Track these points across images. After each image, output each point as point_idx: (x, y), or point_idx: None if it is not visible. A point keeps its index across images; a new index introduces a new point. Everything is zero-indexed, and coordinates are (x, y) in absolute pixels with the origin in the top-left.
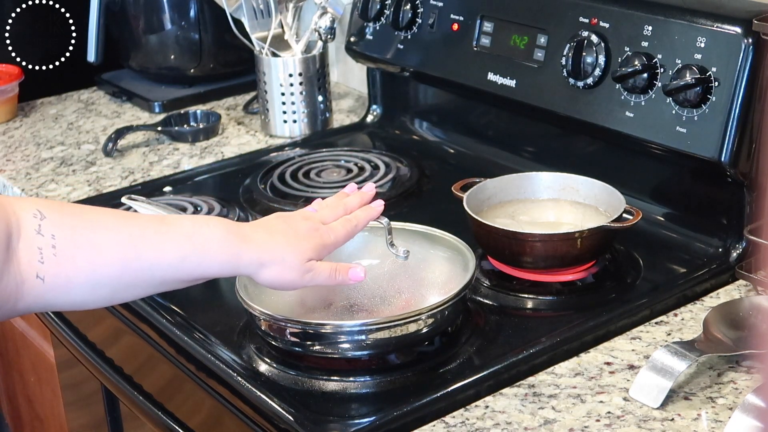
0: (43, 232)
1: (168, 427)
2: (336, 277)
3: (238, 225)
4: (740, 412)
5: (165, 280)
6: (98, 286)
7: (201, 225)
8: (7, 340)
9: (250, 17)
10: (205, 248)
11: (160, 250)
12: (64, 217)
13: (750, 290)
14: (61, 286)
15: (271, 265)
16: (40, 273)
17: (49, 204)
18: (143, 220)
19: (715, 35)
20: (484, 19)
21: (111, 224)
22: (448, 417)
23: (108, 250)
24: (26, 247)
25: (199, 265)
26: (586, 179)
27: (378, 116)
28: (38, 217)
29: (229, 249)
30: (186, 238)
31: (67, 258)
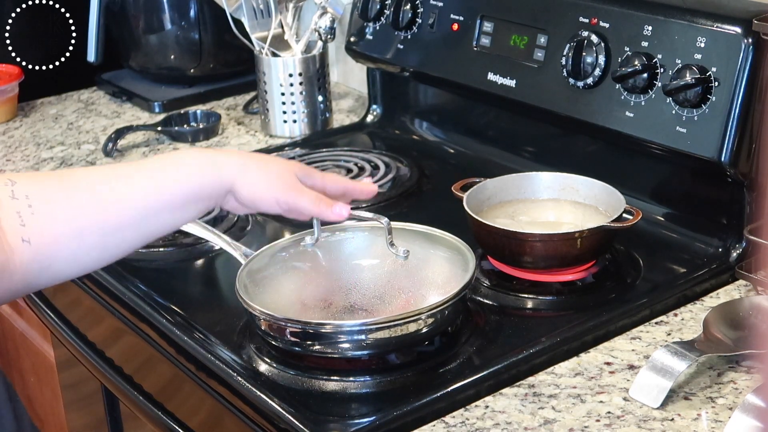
0: (17, 195)
1: (168, 427)
2: (319, 205)
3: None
4: (740, 412)
5: (150, 210)
6: (84, 233)
7: (173, 152)
8: (7, 340)
9: (250, 17)
10: (180, 163)
11: (133, 179)
12: (33, 178)
13: (750, 290)
14: (48, 243)
15: (254, 169)
16: (24, 236)
17: (17, 173)
18: (113, 165)
19: (715, 35)
20: (484, 19)
21: (81, 174)
22: (448, 417)
23: (83, 196)
24: (6, 216)
25: (178, 180)
26: (586, 179)
27: (378, 116)
28: (9, 184)
29: (205, 156)
30: (159, 163)
31: (45, 213)
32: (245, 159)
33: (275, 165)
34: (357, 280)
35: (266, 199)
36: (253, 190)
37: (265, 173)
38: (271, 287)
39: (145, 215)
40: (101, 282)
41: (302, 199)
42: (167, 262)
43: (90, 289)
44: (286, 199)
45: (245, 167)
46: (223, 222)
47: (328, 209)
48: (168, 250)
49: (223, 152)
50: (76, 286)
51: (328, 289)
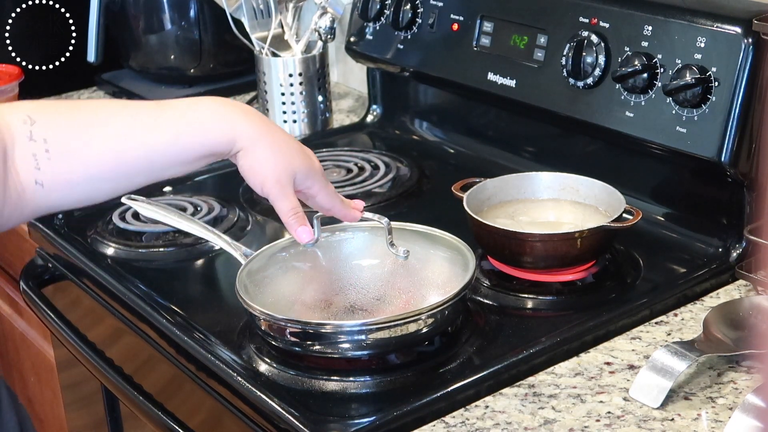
0: (35, 137)
1: (168, 427)
2: (290, 217)
3: (235, 101)
4: (740, 412)
5: (166, 163)
6: (97, 181)
7: (196, 102)
8: (7, 340)
9: (250, 17)
10: (200, 122)
11: (152, 133)
12: (54, 118)
13: (750, 290)
14: (61, 188)
15: (262, 148)
16: (38, 179)
17: (38, 107)
18: (136, 107)
19: (715, 35)
20: (484, 19)
21: (103, 118)
22: (448, 417)
23: (100, 144)
24: (21, 156)
25: (196, 140)
26: (586, 179)
27: (378, 116)
28: (28, 122)
29: (226, 118)
30: (180, 115)
31: (61, 160)
32: (262, 132)
33: (282, 154)
34: (357, 280)
35: (255, 180)
36: (249, 165)
37: (267, 156)
38: (271, 287)
39: (160, 167)
40: (101, 282)
41: (280, 203)
42: (167, 262)
43: (90, 289)
44: (269, 192)
45: (258, 142)
46: (223, 222)
47: (294, 227)
48: (168, 250)
49: (243, 114)
50: (76, 286)
51: (328, 289)
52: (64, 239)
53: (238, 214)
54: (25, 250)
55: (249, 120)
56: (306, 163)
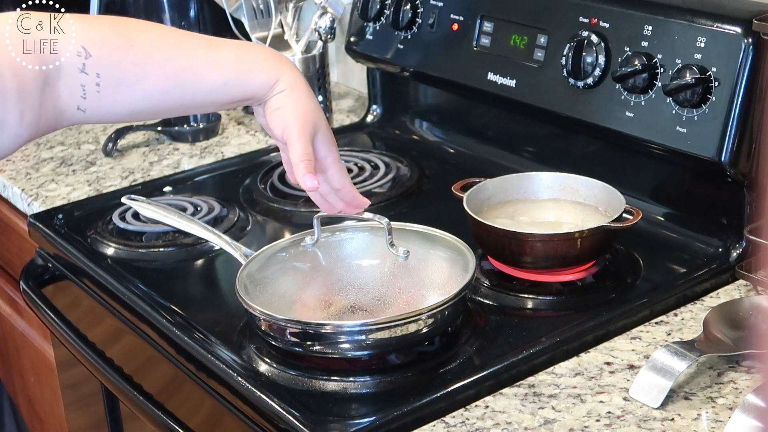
0: (88, 70)
1: (168, 427)
2: (301, 161)
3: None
4: (740, 412)
5: (206, 104)
6: (138, 114)
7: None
8: (7, 340)
9: (250, 17)
10: (248, 71)
11: (202, 79)
12: (111, 53)
13: (750, 290)
14: (102, 115)
15: (295, 95)
16: (81, 106)
17: (94, 38)
18: (190, 49)
19: (715, 35)
20: (484, 19)
21: (158, 56)
22: (448, 417)
23: (151, 86)
24: (68, 85)
25: (240, 88)
26: (586, 179)
27: (378, 116)
28: (83, 55)
29: (272, 67)
30: (232, 63)
31: (110, 94)
32: (299, 82)
33: (311, 107)
34: (357, 280)
35: (277, 121)
36: (277, 107)
37: (296, 104)
38: (272, 287)
39: (200, 105)
40: (101, 282)
41: (296, 145)
42: (167, 262)
43: (90, 289)
44: (290, 134)
45: (294, 88)
46: (223, 222)
47: (301, 171)
48: (168, 250)
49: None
50: (76, 286)
51: (328, 289)
52: (64, 239)
53: (238, 214)
54: (25, 250)
55: (292, 69)
56: (328, 129)
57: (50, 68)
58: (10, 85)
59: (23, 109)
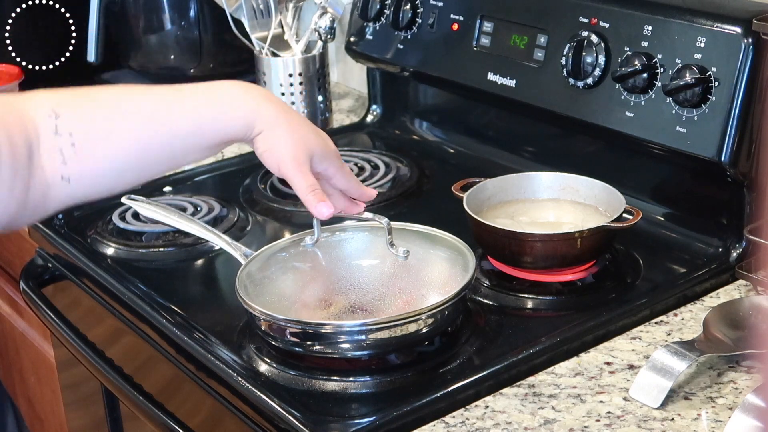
0: (61, 131)
1: (168, 427)
2: (308, 194)
3: (257, 87)
4: (740, 412)
5: (187, 150)
6: (123, 172)
7: (216, 88)
8: (7, 340)
9: (250, 17)
10: (222, 109)
11: (176, 123)
12: (78, 110)
13: (750, 290)
14: (87, 182)
15: (280, 130)
16: (65, 175)
17: (61, 99)
18: (159, 94)
19: (715, 35)
20: (484, 19)
21: (125, 107)
22: (448, 417)
23: (126, 135)
24: (47, 151)
25: (218, 128)
26: (586, 179)
27: (378, 116)
28: (53, 117)
29: (246, 105)
30: (200, 103)
31: (88, 154)
32: (280, 116)
33: (299, 135)
34: (357, 281)
35: (272, 160)
36: (267, 147)
37: (285, 138)
38: (271, 287)
39: (182, 153)
40: (101, 282)
41: (297, 180)
42: (167, 262)
43: (90, 289)
44: (287, 171)
45: (276, 125)
46: (223, 222)
47: (313, 203)
48: (168, 250)
49: (265, 98)
50: (76, 286)
51: (328, 289)
52: (64, 239)
53: (238, 214)
54: (25, 250)
55: (268, 104)
56: (322, 145)
57: (29, 132)
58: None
59: (14, 175)
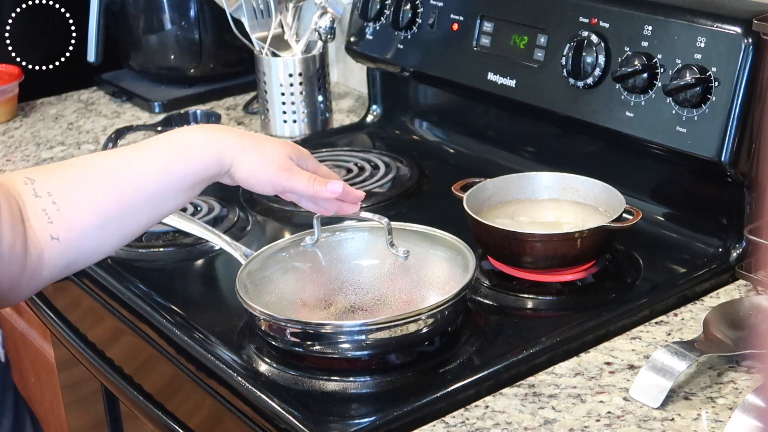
0: (40, 193)
1: (168, 427)
2: (313, 185)
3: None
4: (740, 412)
5: (162, 192)
6: (106, 223)
7: (175, 132)
8: (7, 340)
9: (250, 17)
10: (185, 147)
11: (144, 165)
12: (50, 173)
13: (750, 290)
14: (75, 238)
15: (252, 153)
16: (53, 233)
17: (31, 170)
18: (120, 150)
19: (715, 35)
20: (484, 19)
21: (92, 163)
22: (448, 417)
23: (100, 185)
24: (33, 214)
25: (186, 165)
26: (586, 179)
27: (378, 116)
28: (29, 183)
29: (209, 141)
30: (164, 145)
31: (70, 209)
32: (244, 141)
33: (271, 147)
34: (357, 281)
35: (261, 182)
36: (249, 172)
37: (260, 156)
38: (271, 287)
39: (159, 198)
40: (101, 282)
41: (296, 180)
42: (167, 262)
43: (90, 289)
44: (281, 181)
45: (244, 150)
46: (223, 222)
47: (322, 187)
48: (168, 250)
49: (224, 131)
50: (76, 286)
51: (328, 289)
52: None
53: (238, 214)
54: None
55: (227, 136)
56: (294, 148)
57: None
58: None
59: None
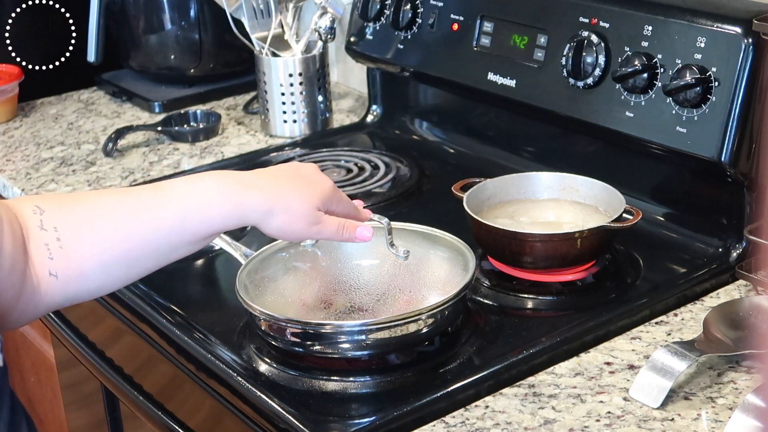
0: (46, 226)
1: (168, 427)
2: (343, 234)
3: (237, 174)
4: (740, 412)
5: (173, 245)
6: (110, 267)
7: (196, 181)
8: (7, 340)
9: (250, 17)
10: (204, 203)
11: (158, 216)
12: (61, 207)
13: (750, 290)
14: (75, 278)
15: (278, 213)
16: (52, 270)
17: (44, 198)
18: (137, 191)
19: (715, 35)
20: (484, 19)
21: (107, 203)
22: (448, 417)
23: (109, 229)
24: (35, 246)
25: (203, 222)
26: (586, 179)
27: (378, 116)
28: (38, 212)
29: (231, 198)
30: (183, 197)
31: (73, 248)
32: (271, 201)
33: (298, 202)
34: (357, 281)
35: (290, 237)
36: (276, 229)
37: (286, 216)
38: (272, 288)
39: (168, 248)
40: None
41: (326, 232)
42: None
43: None
44: (309, 235)
45: (270, 211)
46: None
47: (353, 234)
48: None
49: (248, 188)
50: None
51: (329, 289)
52: None
53: None
54: None
55: (254, 192)
56: (318, 193)
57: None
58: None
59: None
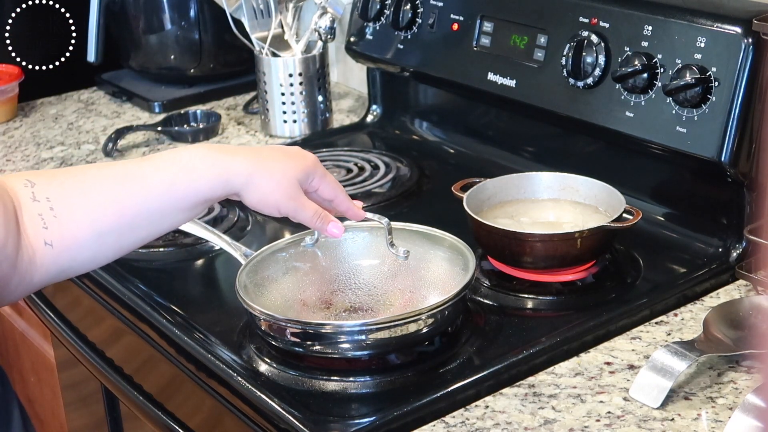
0: (38, 197)
1: (168, 427)
2: (316, 222)
3: (221, 145)
4: (740, 412)
5: (163, 212)
6: (103, 236)
7: (181, 151)
8: (7, 340)
9: (250, 17)
10: (191, 168)
11: (147, 183)
12: (51, 179)
13: (750, 290)
14: (69, 246)
15: (259, 180)
16: (47, 239)
17: (34, 173)
18: (124, 164)
19: (715, 35)
20: (484, 19)
21: (97, 174)
22: (448, 417)
23: (100, 196)
24: (29, 218)
25: (189, 186)
26: (586, 179)
27: (378, 116)
28: (29, 185)
29: (216, 163)
30: (169, 164)
31: (66, 216)
32: (253, 166)
33: (280, 171)
34: (357, 281)
35: (269, 207)
36: (257, 198)
37: (269, 182)
38: (272, 288)
39: (159, 215)
40: (101, 282)
41: (302, 213)
42: (167, 262)
43: (90, 289)
44: (287, 210)
45: (252, 176)
46: (223, 222)
47: (324, 226)
48: (168, 250)
49: (233, 154)
50: (76, 286)
51: (329, 289)
52: None
53: (238, 214)
54: None
55: (238, 158)
56: (301, 166)
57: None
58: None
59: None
